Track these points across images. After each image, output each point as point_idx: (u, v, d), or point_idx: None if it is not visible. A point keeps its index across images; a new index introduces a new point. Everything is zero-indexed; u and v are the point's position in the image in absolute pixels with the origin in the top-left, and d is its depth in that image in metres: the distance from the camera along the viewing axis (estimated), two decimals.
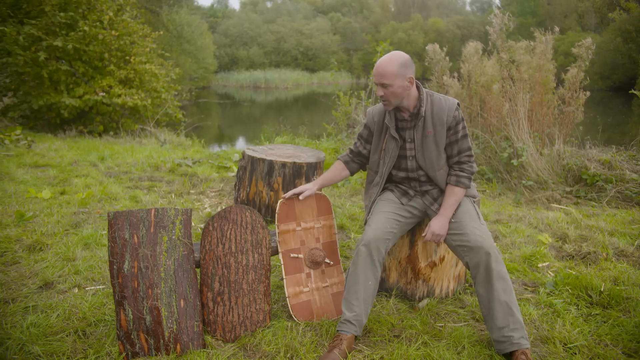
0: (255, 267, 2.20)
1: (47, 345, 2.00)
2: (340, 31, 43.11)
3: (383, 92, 2.12)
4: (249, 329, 2.15)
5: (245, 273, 2.17)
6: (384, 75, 2.08)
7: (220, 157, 6.76)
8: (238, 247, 2.18)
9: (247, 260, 2.18)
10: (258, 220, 2.25)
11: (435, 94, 2.23)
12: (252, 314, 2.16)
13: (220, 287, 2.13)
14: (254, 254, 2.21)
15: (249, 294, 2.17)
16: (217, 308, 2.12)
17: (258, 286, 2.19)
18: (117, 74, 9.00)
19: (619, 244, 3.33)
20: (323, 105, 11.82)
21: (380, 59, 2.13)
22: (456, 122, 2.16)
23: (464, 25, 42.71)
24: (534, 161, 5.13)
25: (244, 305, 2.15)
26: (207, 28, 28.58)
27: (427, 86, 6.66)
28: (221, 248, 2.15)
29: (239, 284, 2.15)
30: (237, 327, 2.13)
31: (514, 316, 2.01)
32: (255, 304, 2.18)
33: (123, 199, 4.28)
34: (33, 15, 8.64)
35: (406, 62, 2.10)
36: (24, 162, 5.77)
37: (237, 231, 2.19)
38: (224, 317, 2.11)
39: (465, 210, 2.19)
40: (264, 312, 2.21)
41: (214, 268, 2.13)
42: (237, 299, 2.14)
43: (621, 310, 2.42)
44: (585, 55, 5.28)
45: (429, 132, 2.17)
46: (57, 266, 2.79)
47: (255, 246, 2.22)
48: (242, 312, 2.14)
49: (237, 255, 2.17)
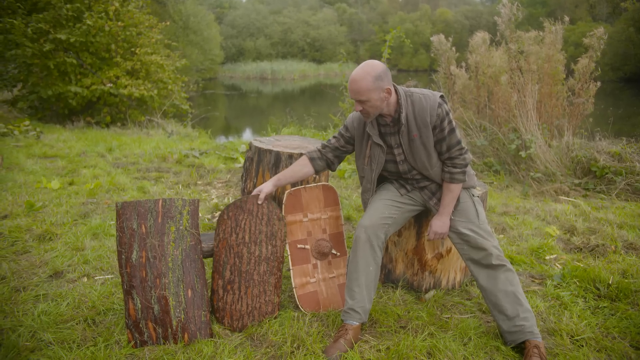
0: (268, 258, 2.20)
1: (57, 333, 2.03)
2: (346, 22, 42.79)
3: (361, 107, 2.03)
4: (257, 319, 2.15)
5: (257, 264, 2.17)
6: (358, 92, 1.98)
7: (227, 148, 6.78)
8: (252, 237, 2.17)
9: (259, 252, 2.18)
10: (275, 212, 2.22)
11: (414, 93, 2.11)
12: (260, 305, 2.16)
13: (231, 275, 2.14)
14: (268, 246, 2.20)
15: (259, 285, 2.17)
16: (227, 296, 2.13)
17: (269, 278, 2.19)
18: (123, 65, 9.02)
19: (628, 236, 3.30)
20: (330, 96, 11.77)
21: (353, 74, 2.01)
22: (440, 120, 2.05)
23: (472, 16, 42.20)
24: (543, 153, 5.09)
25: (254, 295, 2.15)
26: (213, 19, 28.49)
27: (435, 77, 6.61)
28: (234, 237, 2.15)
29: (250, 275, 2.16)
30: (245, 316, 2.13)
31: (523, 306, 2.01)
32: (265, 295, 2.18)
33: (131, 190, 4.31)
34: (40, 7, 8.66)
35: (380, 74, 1.98)
36: (33, 152, 5.82)
37: (252, 222, 2.18)
38: (233, 305, 2.13)
39: (463, 209, 2.15)
40: (273, 304, 2.21)
41: (226, 256, 2.14)
42: (247, 289, 2.15)
43: (629, 303, 2.41)
44: (597, 45, 5.20)
45: (415, 135, 2.09)
46: (67, 255, 2.82)
47: (270, 238, 2.21)
48: (251, 302, 2.14)
49: (250, 245, 2.17)
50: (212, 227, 3.48)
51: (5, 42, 8.52)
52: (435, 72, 6.77)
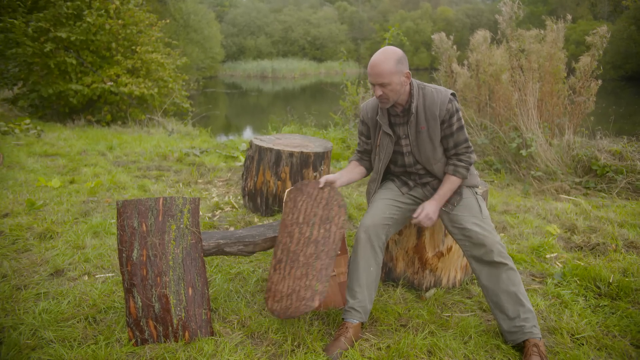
0: (318, 242, 2.07)
1: (58, 331, 2.03)
2: (347, 20, 42.73)
3: (382, 91, 2.04)
4: (294, 304, 1.97)
5: (305, 245, 2.07)
6: (381, 74, 2.00)
7: (227, 146, 6.78)
8: (305, 219, 2.11)
9: (310, 233, 2.09)
10: (336, 198, 2.16)
11: (427, 86, 2.14)
12: (300, 289, 2.00)
13: (281, 254, 2.08)
14: (320, 229, 2.10)
15: (302, 267, 2.04)
16: (275, 275, 2.06)
17: (314, 262, 2.04)
18: (124, 63, 9.02)
19: (628, 235, 3.30)
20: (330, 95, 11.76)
21: (373, 58, 2.03)
22: (450, 115, 2.08)
23: (473, 14, 42.14)
24: (543, 152, 5.08)
25: (295, 277, 2.03)
26: (214, 17, 28.46)
27: (436, 75, 6.61)
28: (290, 217, 2.12)
29: (296, 255, 2.07)
30: (285, 298, 2.00)
31: (524, 306, 2.01)
32: (306, 279, 2.02)
33: (131, 188, 4.31)
34: (40, 6, 8.65)
35: (401, 58, 2.03)
36: (34, 151, 5.82)
37: (309, 204, 2.13)
38: (277, 285, 2.04)
39: (466, 204, 2.15)
40: (313, 291, 1.99)
41: (281, 236, 2.11)
42: (291, 269, 2.05)
43: (630, 301, 2.41)
44: (600, 43, 5.18)
45: (422, 128, 2.11)
46: (68, 254, 2.82)
47: (324, 221, 2.11)
48: (292, 283, 2.02)
49: (302, 226, 2.10)
50: (213, 226, 3.48)
51: (6, 40, 8.52)
52: (436, 70, 6.76)
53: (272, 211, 3.71)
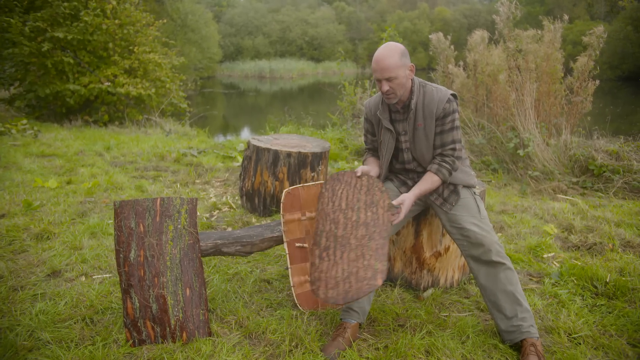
0: (367, 224, 2.00)
1: (55, 332, 2.03)
2: (345, 20, 42.74)
3: (388, 86, 2.04)
4: (354, 286, 1.84)
5: (354, 228, 2.00)
6: (387, 68, 2.00)
7: (225, 147, 6.77)
8: (349, 204, 2.07)
9: (357, 217, 2.03)
10: (376, 184, 2.13)
11: (428, 84, 2.15)
12: (358, 270, 1.88)
13: (327, 242, 2.00)
14: (367, 212, 2.04)
15: (356, 249, 1.94)
16: (322, 264, 1.95)
17: (369, 242, 1.95)
18: (121, 63, 9.00)
19: (625, 234, 3.31)
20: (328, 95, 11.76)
21: (377, 53, 2.04)
22: (444, 115, 2.08)
23: (470, 14, 42.21)
24: (541, 152, 5.10)
25: (350, 260, 1.92)
26: (211, 17, 28.43)
27: (433, 76, 6.62)
28: (331, 206, 2.08)
29: (346, 239, 1.97)
30: (341, 283, 1.87)
31: (522, 305, 2.01)
32: (363, 259, 1.90)
33: (129, 189, 4.30)
34: (37, 6, 8.63)
35: (404, 51, 2.06)
36: (31, 151, 5.80)
37: (350, 191, 2.11)
38: (328, 272, 1.92)
39: (465, 204, 2.15)
40: (374, 270, 1.87)
41: (322, 225, 2.04)
42: (342, 253, 1.94)
43: (627, 301, 2.42)
44: (597, 44, 5.20)
45: (419, 125, 2.12)
46: (65, 255, 2.82)
47: (369, 205, 2.06)
48: (346, 267, 1.90)
49: (347, 211, 2.05)
50: (211, 226, 3.48)
51: (2, 40, 8.49)
52: (434, 70, 6.77)
53: (269, 211, 3.70)
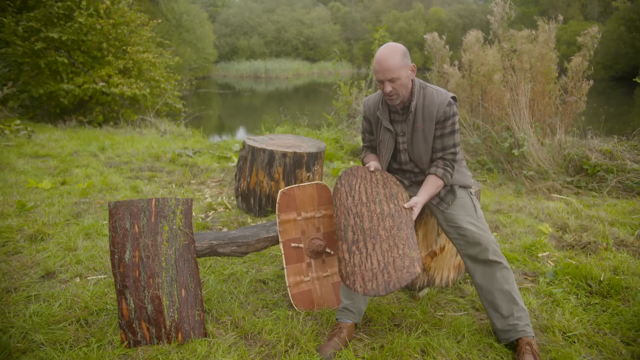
0: (393, 215, 2.00)
1: (49, 334, 2.01)
2: (340, 20, 42.77)
3: (391, 87, 2.03)
4: (393, 276, 1.84)
5: (380, 220, 1.99)
6: (390, 69, 1.99)
7: (220, 147, 6.76)
8: (370, 198, 2.06)
9: (381, 209, 2.02)
10: (390, 179, 2.16)
11: (429, 86, 2.15)
12: (394, 260, 1.87)
13: (354, 235, 1.97)
14: (390, 204, 2.04)
15: (387, 240, 1.93)
16: (354, 258, 1.92)
17: (398, 232, 1.95)
18: (115, 63, 8.96)
19: (619, 233, 3.33)
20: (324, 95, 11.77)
21: (379, 54, 2.03)
22: (445, 118, 2.08)
23: (465, 14, 42.35)
24: (535, 151, 5.12)
25: (383, 251, 1.90)
26: (206, 17, 28.34)
27: (428, 76, 6.64)
28: (351, 200, 2.07)
29: (375, 231, 1.96)
30: (379, 274, 1.85)
31: (517, 305, 2.02)
32: (397, 249, 1.90)
33: (124, 189, 4.28)
34: (30, 5, 8.57)
35: (405, 51, 2.06)
36: (25, 152, 5.76)
37: (367, 185, 2.10)
38: (362, 265, 1.89)
39: (461, 204, 2.16)
40: (410, 258, 1.88)
41: (345, 219, 2.02)
42: (374, 245, 1.92)
43: (620, 299, 2.44)
44: (591, 44, 5.23)
45: (418, 127, 2.12)
46: (59, 256, 2.80)
47: (390, 198, 2.07)
48: (381, 258, 1.88)
49: (369, 205, 2.03)
50: (206, 227, 3.47)
51: None
52: (429, 70, 6.79)
53: (265, 212, 3.70)
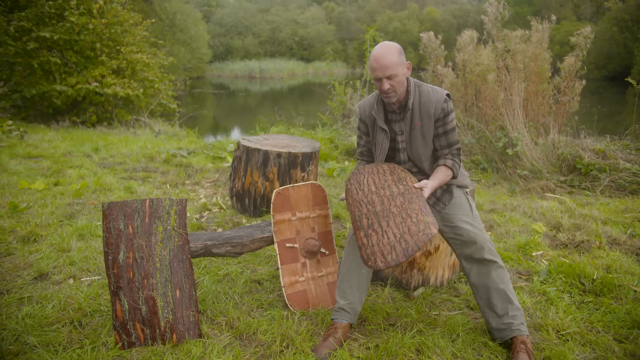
0: (402, 193, 2.05)
1: (42, 336, 2.00)
2: (335, 21, 42.80)
3: (389, 84, 2.04)
4: (410, 241, 1.90)
5: (391, 200, 2.04)
6: (388, 66, 2.00)
7: (215, 147, 6.73)
8: (378, 185, 2.11)
9: (390, 192, 2.07)
10: (397, 167, 2.20)
11: (423, 84, 2.17)
12: (409, 228, 1.94)
13: (369, 220, 2.02)
14: (398, 186, 2.09)
15: (400, 214, 1.99)
16: (371, 239, 1.98)
17: (410, 205, 2.00)
18: (109, 63, 8.91)
19: (611, 232, 3.36)
20: (318, 95, 11.77)
21: (376, 52, 2.04)
22: (444, 114, 2.10)
23: (459, 15, 42.52)
24: (529, 151, 5.15)
25: (397, 224, 1.97)
26: (201, 17, 28.25)
27: (423, 75, 6.66)
28: (361, 193, 2.11)
29: (387, 210, 2.02)
30: (397, 245, 1.92)
31: (513, 304, 2.03)
32: (410, 219, 1.96)
33: (118, 190, 4.26)
34: (22, 5, 8.50)
35: (401, 49, 2.08)
36: (17, 153, 5.72)
37: (374, 177, 2.15)
38: (379, 243, 1.95)
39: (458, 203, 2.17)
40: (425, 223, 1.93)
41: (359, 211, 2.07)
42: (388, 222, 1.98)
43: (613, 297, 2.45)
44: (584, 44, 5.26)
45: (416, 125, 2.13)
46: (52, 257, 2.78)
47: (398, 181, 2.11)
48: (397, 230, 1.95)
49: (378, 191, 2.08)
50: (201, 227, 3.46)
51: None
52: (424, 70, 6.80)
53: (260, 212, 3.69)
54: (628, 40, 26.01)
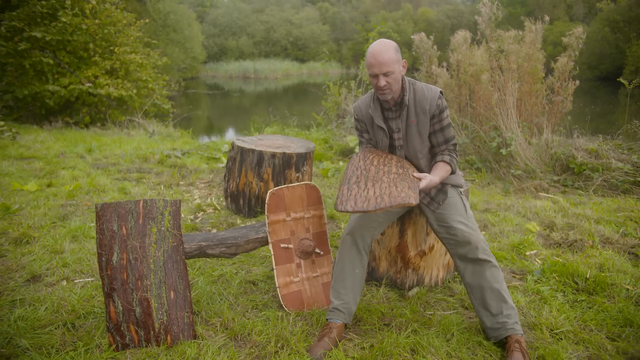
0: (398, 173, 2.07)
1: (35, 339, 1.98)
2: (329, 21, 42.82)
3: (385, 81, 2.05)
4: (386, 199, 1.90)
5: (386, 174, 2.05)
6: (385, 63, 2.01)
7: (209, 148, 6.71)
8: (381, 163, 2.13)
9: (389, 168, 2.08)
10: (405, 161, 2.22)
11: (417, 82, 2.20)
12: (391, 192, 1.94)
13: (357, 180, 2.02)
14: (398, 168, 2.10)
15: (388, 183, 1.99)
16: (351, 192, 1.97)
17: (400, 182, 2.00)
18: (102, 64, 8.86)
19: (604, 231, 3.38)
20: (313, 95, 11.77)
21: (373, 49, 2.05)
22: (440, 111, 2.13)
23: (453, 15, 42.67)
24: (523, 150, 5.17)
25: (382, 188, 1.96)
26: (194, 17, 28.16)
27: (417, 76, 6.67)
28: (362, 163, 2.13)
29: (379, 178, 2.02)
30: (372, 198, 1.91)
31: (507, 303, 2.04)
32: (395, 188, 1.96)
33: (111, 191, 4.23)
34: (13, 4, 8.44)
35: (397, 47, 2.09)
36: (9, 154, 5.67)
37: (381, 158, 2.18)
38: (357, 194, 1.95)
39: (452, 203, 2.18)
40: (407, 193, 1.93)
41: (352, 172, 2.07)
42: (374, 184, 1.98)
43: (606, 296, 2.47)
44: (576, 44, 5.30)
45: (412, 121, 2.16)
46: (45, 259, 2.76)
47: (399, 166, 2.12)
48: (379, 191, 1.95)
49: (378, 166, 2.10)
50: (195, 228, 3.44)
51: None
52: (417, 70, 6.82)
53: (254, 212, 3.68)
54: (620, 40, 26.24)
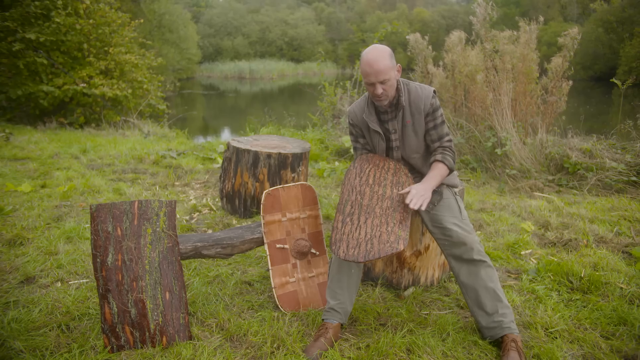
0: (392, 198, 2.06)
1: (29, 341, 1.97)
2: (325, 21, 42.85)
3: (382, 88, 2.05)
4: (376, 247, 1.91)
5: (380, 200, 2.05)
6: (382, 71, 2.01)
7: (205, 148, 6.70)
8: (376, 181, 2.11)
9: (383, 192, 2.08)
10: (403, 170, 2.21)
11: (410, 83, 2.21)
12: (381, 234, 1.95)
13: (352, 209, 2.03)
14: (393, 189, 2.10)
15: (380, 217, 2.00)
16: (345, 227, 2.01)
17: (393, 213, 2.02)
18: (96, 64, 8.82)
19: (598, 230, 3.40)
20: (308, 95, 11.77)
21: (368, 57, 2.04)
22: (433, 109, 2.16)
23: (448, 15, 42.82)
24: (518, 150, 5.20)
25: (374, 225, 1.98)
26: (190, 18, 28.09)
27: (412, 76, 6.69)
28: (358, 180, 2.12)
29: (372, 208, 2.03)
30: (363, 243, 1.93)
31: (502, 302, 2.05)
32: (387, 226, 1.97)
33: (106, 192, 4.21)
34: (6, 4, 8.38)
35: (391, 52, 2.10)
36: (2, 155, 5.63)
37: (377, 171, 2.16)
38: (350, 234, 1.98)
39: (447, 204, 2.18)
40: (397, 235, 1.94)
41: (348, 195, 2.09)
42: (366, 219, 2.00)
43: (600, 295, 2.49)
44: (571, 45, 5.32)
45: (408, 121, 2.17)
46: (39, 260, 2.74)
47: (395, 184, 2.12)
48: (370, 230, 1.97)
49: (373, 186, 2.09)
50: (191, 229, 3.43)
51: None
52: (413, 71, 6.83)
53: (250, 213, 3.68)
54: (613, 41, 26.40)
